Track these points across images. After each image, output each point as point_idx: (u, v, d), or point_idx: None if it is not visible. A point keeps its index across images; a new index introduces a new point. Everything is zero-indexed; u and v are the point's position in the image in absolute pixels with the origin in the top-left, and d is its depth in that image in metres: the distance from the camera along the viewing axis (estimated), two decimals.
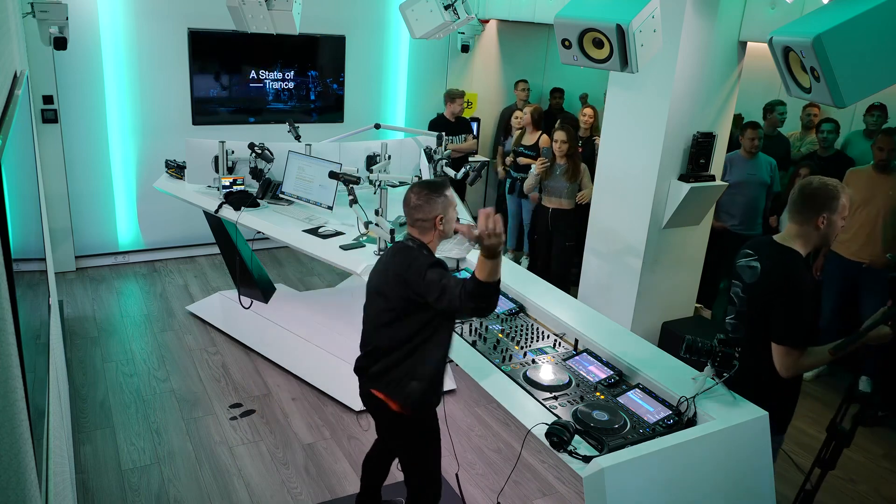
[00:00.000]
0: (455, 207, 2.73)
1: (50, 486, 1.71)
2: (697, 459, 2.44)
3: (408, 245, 2.67)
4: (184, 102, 6.11)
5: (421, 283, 2.49)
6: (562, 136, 5.47)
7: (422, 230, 2.67)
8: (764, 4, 4.20)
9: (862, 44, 2.16)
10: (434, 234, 2.67)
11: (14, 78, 2.62)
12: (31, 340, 1.72)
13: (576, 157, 5.54)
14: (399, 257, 2.64)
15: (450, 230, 2.70)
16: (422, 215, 2.63)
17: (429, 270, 2.50)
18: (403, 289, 2.57)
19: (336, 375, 4.36)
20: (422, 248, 2.65)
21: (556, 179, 5.54)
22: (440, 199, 2.64)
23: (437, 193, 2.65)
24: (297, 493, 3.54)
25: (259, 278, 5.13)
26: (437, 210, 2.63)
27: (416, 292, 2.53)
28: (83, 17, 5.53)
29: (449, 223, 2.68)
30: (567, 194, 5.57)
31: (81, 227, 6.02)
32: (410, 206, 2.66)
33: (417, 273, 2.51)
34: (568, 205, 5.60)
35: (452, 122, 6.51)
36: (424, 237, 2.67)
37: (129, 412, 4.12)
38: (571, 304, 3.53)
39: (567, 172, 5.51)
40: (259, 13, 4.09)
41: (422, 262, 2.54)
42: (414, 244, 2.66)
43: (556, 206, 5.60)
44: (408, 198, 2.68)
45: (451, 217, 2.68)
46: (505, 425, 4.17)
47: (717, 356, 2.66)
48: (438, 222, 2.64)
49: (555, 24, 3.08)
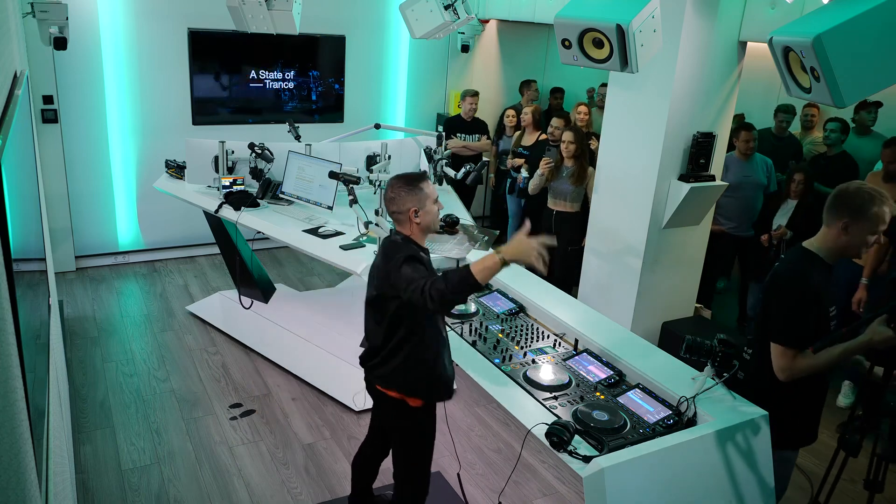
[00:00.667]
0: (434, 200, 2.71)
1: (50, 486, 1.71)
2: (697, 459, 2.44)
3: (394, 240, 2.71)
4: (184, 102, 6.11)
5: (398, 275, 2.51)
6: (569, 137, 5.19)
7: (399, 223, 2.71)
8: (764, 4, 4.20)
9: (862, 44, 2.16)
10: (412, 227, 2.68)
11: (14, 78, 2.62)
12: (31, 340, 1.72)
13: (583, 160, 5.26)
14: (385, 252, 2.68)
15: (430, 223, 2.69)
16: (395, 207, 2.67)
17: (404, 264, 2.51)
18: (387, 284, 2.60)
19: (336, 375, 4.36)
20: (408, 242, 2.67)
21: (562, 181, 5.31)
22: (414, 192, 2.64)
23: (410, 186, 2.65)
24: (297, 493, 3.54)
25: (259, 278, 5.13)
26: (409, 203, 2.64)
27: (392, 285, 2.55)
28: (83, 17, 5.53)
29: (427, 215, 2.67)
30: (572, 197, 5.32)
31: (81, 227, 6.02)
32: (386, 200, 2.71)
33: (395, 266, 2.53)
34: (573, 208, 5.36)
35: (468, 122, 6.58)
36: (404, 230, 2.70)
37: (129, 412, 4.12)
38: (571, 304, 3.53)
39: (573, 175, 5.24)
40: (259, 13, 4.09)
41: (400, 255, 2.56)
42: (399, 237, 2.70)
43: (562, 209, 5.37)
44: (385, 192, 2.73)
45: (429, 210, 2.67)
46: (505, 425, 4.17)
47: (717, 356, 2.66)
48: (412, 215, 2.65)
49: (555, 24, 3.08)
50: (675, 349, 3.01)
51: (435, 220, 2.72)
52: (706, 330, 4.61)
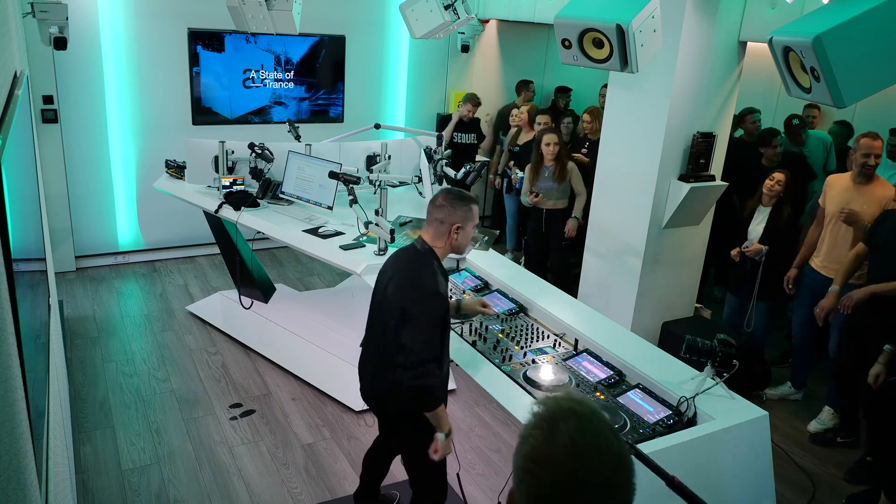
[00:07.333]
0: (475, 225, 2.72)
1: (50, 486, 1.71)
2: (697, 459, 2.44)
3: (417, 248, 2.66)
4: (184, 102, 6.11)
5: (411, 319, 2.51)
6: (552, 139, 5.39)
7: (437, 232, 2.64)
8: (764, 4, 4.20)
9: (862, 44, 2.16)
10: (446, 241, 2.65)
11: (14, 78, 2.62)
12: (31, 340, 1.72)
13: (563, 158, 5.48)
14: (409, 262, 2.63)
15: (462, 244, 2.69)
16: (442, 216, 2.62)
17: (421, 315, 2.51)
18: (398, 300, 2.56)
19: (336, 375, 4.36)
20: (430, 256, 2.63)
21: (545, 181, 5.51)
22: (464, 209, 2.63)
23: (464, 202, 2.64)
24: (297, 493, 3.54)
25: (259, 278, 5.13)
26: (457, 217, 2.62)
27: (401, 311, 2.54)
28: (83, 17, 5.53)
29: (464, 236, 2.66)
30: (558, 195, 5.53)
31: (81, 227, 6.02)
32: (435, 205, 2.66)
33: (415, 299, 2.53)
34: (561, 204, 5.58)
35: (465, 122, 6.74)
36: (437, 242, 2.65)
37: (129, 412, 4.12)
38: (571, 304, 3.54)
39: (555, 173, 5.46)
40: (259, 13, 4.09)
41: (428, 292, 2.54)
42: (422, 248, 2.64)
43: (551, 207, 5.57)
44: (435, 197, 2.69)
45: (467, 232, 2.67)
46: (505, 425, 4.16)
47: (717, 356, 2.66)
48: (454, 230, 2.63)
49: (555, 24, 3.08)
50: (675, 349, 3.01)
51: (467, 244, 2.71)
52: (706, 330, 4.60)
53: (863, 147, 4.03)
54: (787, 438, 4.22)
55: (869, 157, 4.00)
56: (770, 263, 4.49)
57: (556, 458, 1.06)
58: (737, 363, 2.64)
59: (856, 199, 4.06)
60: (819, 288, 4.16)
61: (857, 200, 4.05)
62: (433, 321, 2.53)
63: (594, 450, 1.06)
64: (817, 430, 4.22)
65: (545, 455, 1.07)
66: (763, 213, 4.58)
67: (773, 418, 2.74)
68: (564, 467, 1.05)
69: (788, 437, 4.24)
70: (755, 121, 5.70)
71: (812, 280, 4.32)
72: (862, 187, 4.08)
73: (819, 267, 4.28)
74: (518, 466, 1.10)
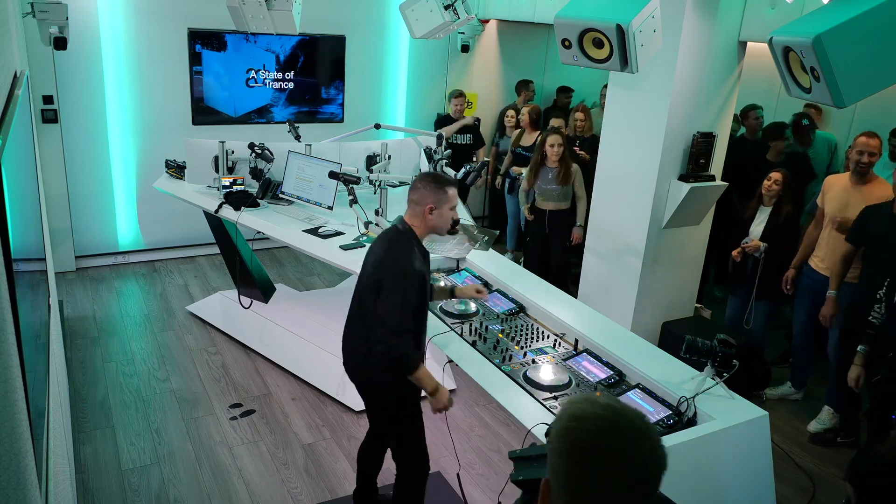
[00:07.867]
0: (453, 208, 2.83)
1: (50, 486, 1.71)
2: (697, 459, 2.44)
3: (397, 227, 2.81)
4: (184, 102, 6.11)
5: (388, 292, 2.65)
6: (557, 140, 5.35)
7: (413, 213, 2.80)
8: (764, 4, 4.20)
9: (862, 44, 2.17)
10: (422, 222, 2.79)
11: (14, 78, 2.62)
12: (31, 340, 1.72)
13: (567, 160, 5.44)
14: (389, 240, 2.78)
15: (439, 225, 2.81)
16: (417, 197, 2.78)
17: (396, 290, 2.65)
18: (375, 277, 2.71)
19: (336, 375, 4.36)
20: (409, 234, 2.77)
21: (549, 182, 5.48)
22: (437, 192, 2.76)
23: (436, 185, 2.78)
24: (297, 493, 3.54)
25: (259, 278, 5.13)
26: (430, 199, 2.76)
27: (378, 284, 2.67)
28: (83, 17, 5.53)
29: (440, 218, 2.79)
30: (560, 197, 5.51)
31: (81, 227, 6.02)
32: (413, 188, 2.81)
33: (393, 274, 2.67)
34: (563, 206, 5.57)
35: (454, 118, 6.81)
36: (413, 221, 2.80)
37: (129, 412, 4.12)
38: (571, 304, 3.53)
39: (559, 176, 5.42)
40: (259, 13, 4.09)
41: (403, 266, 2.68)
42: (403, 228, 2.79)
43: (553, 209, 5.55)
44: (414, 180, 2.85)
45: (444, 213, 2.79)
46: (505, 425, 4.16)
47: (717, 356, 2.66)
48: (428, 211, 2.76)
49: (555, 24, 3.08)
50: (675, 349, 3.01)
51: (445, 225, 2.83)
52: (706, 330, 4.60)
53: (858, 145, 4.04)
54: (787, 438, 4.22)
55: (863, 155, 4.00)
56: (770, 263, 4.49)
57: (597, 414, 1.14)
58: (737, 363, 2.63)
59: (854, 199, 4.05)
60: (819, 287, 4.18)
61: (855, 200, 4.04)
62: (408, 295, 2.66)
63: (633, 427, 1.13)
64: (817, 430, 4.21)
65: (587, 413, 1.15)
66: (764, 213, 4.57)
67: (773, 418, 2.73)
68: (607, 421, 1.13)
69: (788, 437, 4.24)
70: (758, 117, 5.69)
71: (812, 280, 4.32)
72: (861, 187, 4.08)
73: (819, 267, 4.27)
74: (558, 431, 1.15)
